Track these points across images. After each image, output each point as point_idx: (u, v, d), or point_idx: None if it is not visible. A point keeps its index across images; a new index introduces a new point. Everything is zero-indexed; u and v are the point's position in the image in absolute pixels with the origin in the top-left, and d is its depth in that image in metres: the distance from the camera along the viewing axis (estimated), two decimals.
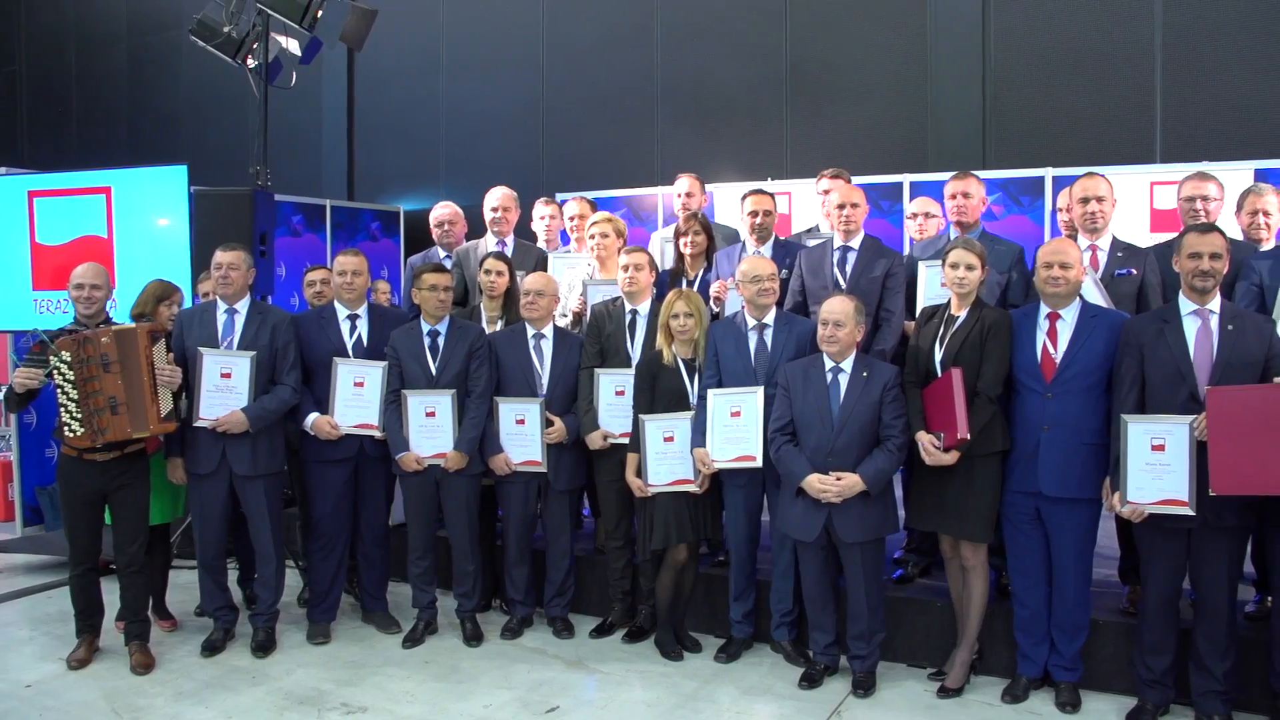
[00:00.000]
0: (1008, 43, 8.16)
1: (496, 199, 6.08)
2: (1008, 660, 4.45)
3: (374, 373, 4.95)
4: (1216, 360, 3.85)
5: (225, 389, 4.73)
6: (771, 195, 5.34)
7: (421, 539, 5.06)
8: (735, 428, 4.52)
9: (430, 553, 5.10)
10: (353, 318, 5.07)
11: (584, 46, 9.86)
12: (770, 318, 4.64)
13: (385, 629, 5.18)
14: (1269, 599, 4.37)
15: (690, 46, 9.31)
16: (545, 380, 5.02)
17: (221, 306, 4.86)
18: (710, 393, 4.57)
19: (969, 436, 4.05)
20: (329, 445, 4.96)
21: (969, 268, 4.22)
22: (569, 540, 5.15)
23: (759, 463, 4.48)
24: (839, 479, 4.24)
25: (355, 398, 4.94)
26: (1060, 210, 4.94)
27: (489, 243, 6.00)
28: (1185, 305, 3.96)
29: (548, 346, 5.05)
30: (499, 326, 5.28)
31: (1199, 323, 3.92)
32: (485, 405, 4.96)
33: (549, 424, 4.94)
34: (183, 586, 5.53)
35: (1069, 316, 4.16)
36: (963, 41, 8.23)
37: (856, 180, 5.63)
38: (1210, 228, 4.03)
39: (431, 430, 4.91)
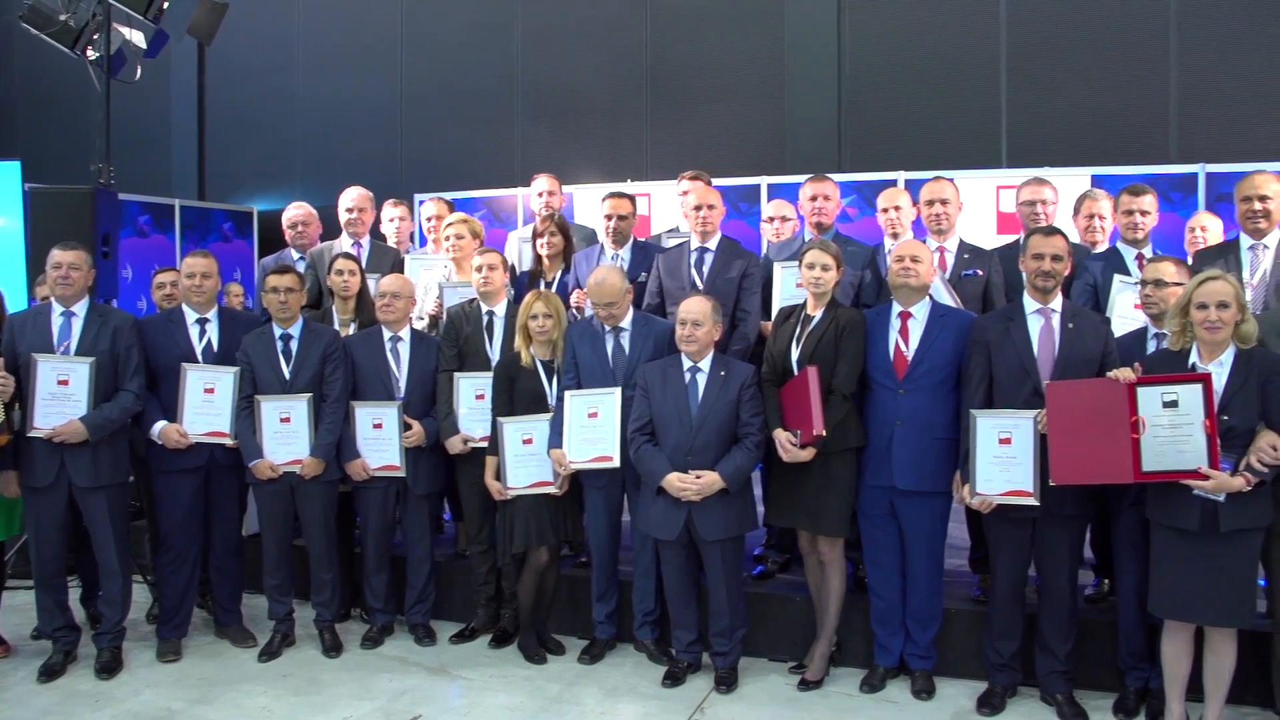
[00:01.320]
0: (862, 50, 8.41)
1: (351, 199, 5.96)
2: (865, 651, 4.57)
3: (225, 378, 4.79)
4: (1058, 357, 4.03)
5: (62, 397, 4.50)
6: (630, 198, 5.37)
7: (277, 548, 4.92)
8: (592, 429, 4.52)
9: (286, 562, 4.96)
10: (202, 321, 4.89)
11: (444, 44, 9.76)
12: (628, 319, 4.66)
13: (240, 643, 5.01)
14: (1106, 582, 4.60)
15: (551, 47, 9.30)
16: (403, 383, 4.95)
17: (57, 309, 4.62)
18: (568, 394, 4.57)
19: (825, 432, 4.13)
20: (178, 454, 4.77)
21: (824, 268, 4.32)
22: (429, 545, 5.08)
23: (616, 463, 4.50)
24: (698, 477, 4.28)
25: (205, 404, 4.77)
26: (880, 211, 5.09)
27: (344, 244, 5.88)
28: (1029, 304, 4.13)
29: (405, 349, 4.97)
30: (352, 329, 5.18)
31: (1042, 321, 4.10)
32: (341, 410, 4.85)
33: (407, 428, 4.87)
34: (18, 608, 5.24)
35: (920, 315, 4.29)
36: (819, 48, 8.45)
37: (716, 182, 5.70)
38: (1053, 230, 4.23)
39: (286, 436, 4.78)
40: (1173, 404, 3.62)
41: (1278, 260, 4.35)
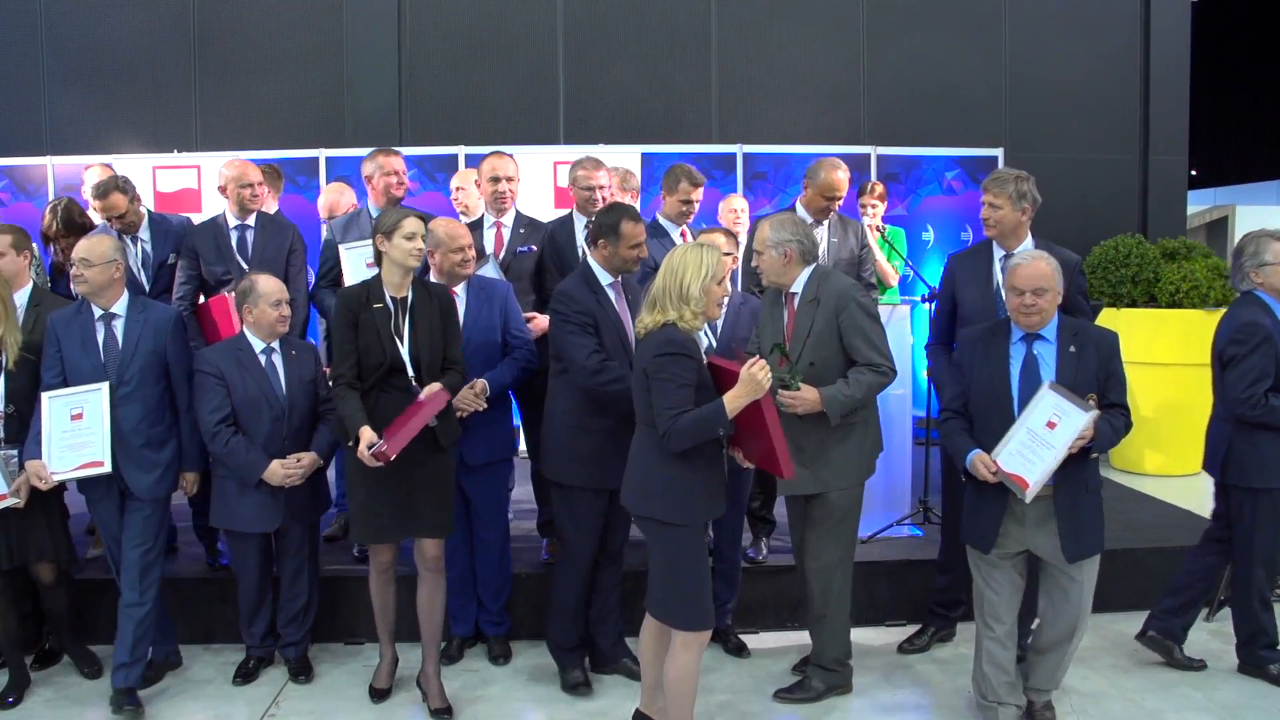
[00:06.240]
0: (423, 23, 8.41)
1: None
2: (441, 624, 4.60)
3: None
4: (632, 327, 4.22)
5: None
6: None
7: None
8: (77, 432, 4.01)
9: None
10: None
11: None
12: (122, 304, 4.14)
13: None
14: None
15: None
16: None
17: None
18: (46, 395, 4.03)
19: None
20: None
21: (424, 238, 4.03)
22: None
23: (107, 468, 4.01)
24: (300, 460, 4.15)
25: None
26: (454, 192, 5.14)
27: None
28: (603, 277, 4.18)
29: None
30: None
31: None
32: None
33: None
34: None
35: (462, 291, 4.32)
36: (379, 18, 8.35)
37: (274, 154, 5.48)
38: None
39: None
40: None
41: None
